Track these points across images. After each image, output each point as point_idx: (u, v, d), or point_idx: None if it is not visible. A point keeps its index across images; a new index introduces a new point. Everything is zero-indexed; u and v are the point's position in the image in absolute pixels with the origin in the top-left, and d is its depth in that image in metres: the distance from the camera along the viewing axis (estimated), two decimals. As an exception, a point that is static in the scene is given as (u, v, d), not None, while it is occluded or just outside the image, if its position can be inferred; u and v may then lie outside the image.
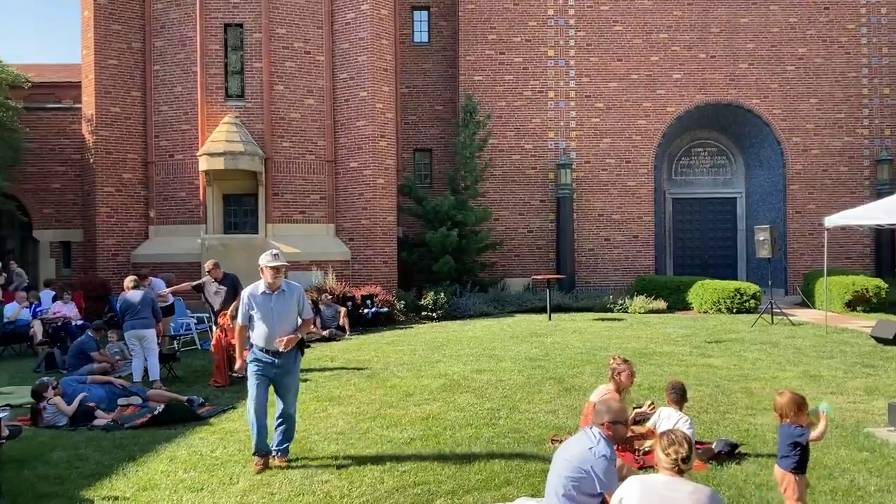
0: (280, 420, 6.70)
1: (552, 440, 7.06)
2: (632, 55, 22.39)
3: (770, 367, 10.97)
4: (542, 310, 18.69)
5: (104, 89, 19.17)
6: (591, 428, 4.64)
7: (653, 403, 7.10)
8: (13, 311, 14.46)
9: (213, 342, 11.08)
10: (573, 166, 22.04)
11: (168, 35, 19.26)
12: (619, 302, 19.43)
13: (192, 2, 18.85)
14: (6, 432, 6.74)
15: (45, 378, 8.97)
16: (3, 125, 18.51)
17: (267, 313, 6.53)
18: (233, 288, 11.48)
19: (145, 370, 10.64)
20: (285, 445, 6.71)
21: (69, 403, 8.47)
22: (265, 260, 6.54)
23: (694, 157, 24.05)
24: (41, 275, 19.93)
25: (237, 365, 7.06)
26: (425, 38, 23.42)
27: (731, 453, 6.56)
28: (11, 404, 9.20)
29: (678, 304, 19.55)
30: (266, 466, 6.47)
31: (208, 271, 11.81)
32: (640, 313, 18.79)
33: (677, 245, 24.04)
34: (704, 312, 18.72)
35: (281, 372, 6.58)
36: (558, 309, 18.97)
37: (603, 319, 17.62)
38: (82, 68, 19.77)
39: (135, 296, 10.69)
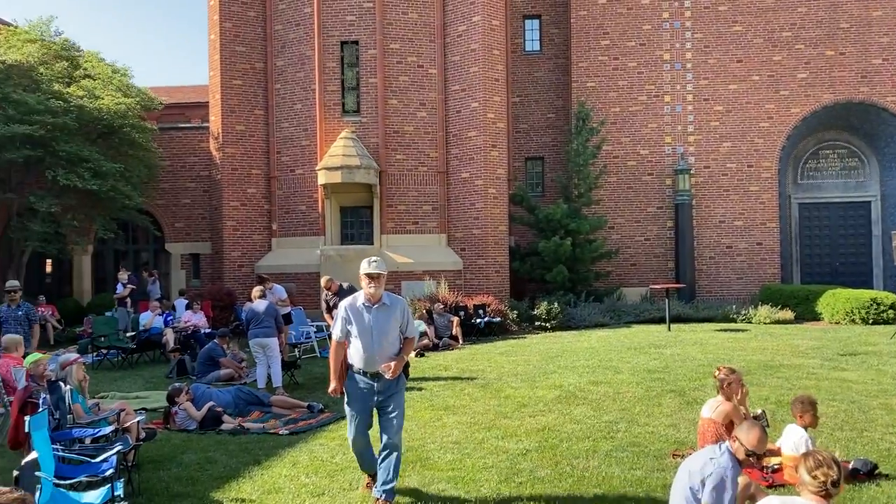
0: (384, 453, 5.75)
1: (673, 455, 6.82)
2: (752, 55, 21.50)
3: (912, 382, 10.21)
4: (660, 320, 18.17)
5: (229, 108, 20.13)
6: (723, 443, 4.46)
7: (764, 412, 6.76)
8: (147, 319, 15.36)
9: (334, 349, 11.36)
10: (691, 172, 21.35)
11: (288, 54, 20.03)
12: (743, 312, 18.64)
13: (310, 21, 19.54)
14: (143, 435, 7.15)
15: (177, 384, 9.47)
16: (139, 145, 19.75)
17: (365, 329, 5.72)
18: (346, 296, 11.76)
19: (269, 377, 11.04)
20: (391, 486, 5.69)
21: (199, 409, 8.89)
22: (363, 267, 5.73)
23: (822, 159, 22.77)
24: (173, 285, 21.11)
25: (331, 388, 5.96)
26: (537, 47, 23.32)
27: (870, 474, 6.14)
28: (147, 408, 9.75)
29: (806, 314, 18.55)
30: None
31: (326, 288, 12.16)
32: (765, 324, 17.95)
33: (804, 252, 22.80)
34: (836, 323, 17.68)
35: (383, 397, 5.77)
36: (678, 319, 18.38)
37: (725, 330, 16.93)
38: (209, 89, 20.86)
39: (259, 306, 11.11)
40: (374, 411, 5.88)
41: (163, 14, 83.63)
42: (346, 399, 5.92)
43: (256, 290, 11.51)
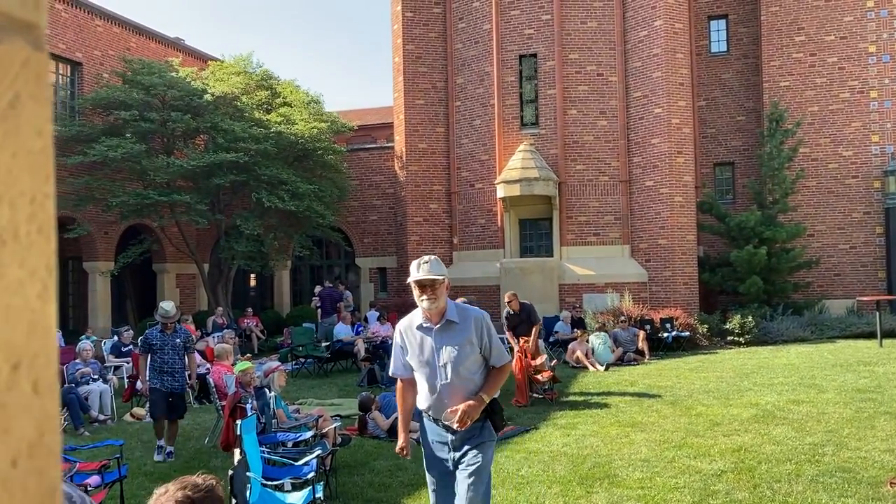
0: None
1: (891, 483, 6.17)
2: (977, 40, 19.26)
3: None
4: (870, 335, 16.63)
5: (412, 128, 20.86)
6: None
7: None
8: (343, 332, 16.05)
9: (515, 363, 11.39)
10: (904, 173, 19.41)
11: (468, 72, 20.45)
12: (971, 327, 16.65)
13: (489, 38, 19.85)
14: (339, 440, 7.51)
15: (364, 393, 9.87)
16: (331, 167, 20.97)
17: (426, 359, 4.21)
18: (527, 315, 11.75)
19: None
20: None
21: (387, 417, 9.19)
22: (411, 273, 4.20)
23: None
24: (363, 298, 22.12)
25: (399, 445, 4.53)
26: (723, 48, 22.24)
27: None
28: (341, 415, 10.24)
29: None
30: None
31: (508, 302, 12.20)
32: None
33: None
34: None
35: (459, 453, 4.18)
36: (891, 335, 16.71)
37: (949, 347, 15.20)
38: (394, 109, 21.74)
39: None
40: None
41: (348, 40, 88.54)
42: (423, 459, 4.45)
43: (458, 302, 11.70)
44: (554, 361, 12.10)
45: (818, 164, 20.21)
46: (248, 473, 5.21)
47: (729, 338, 17.09)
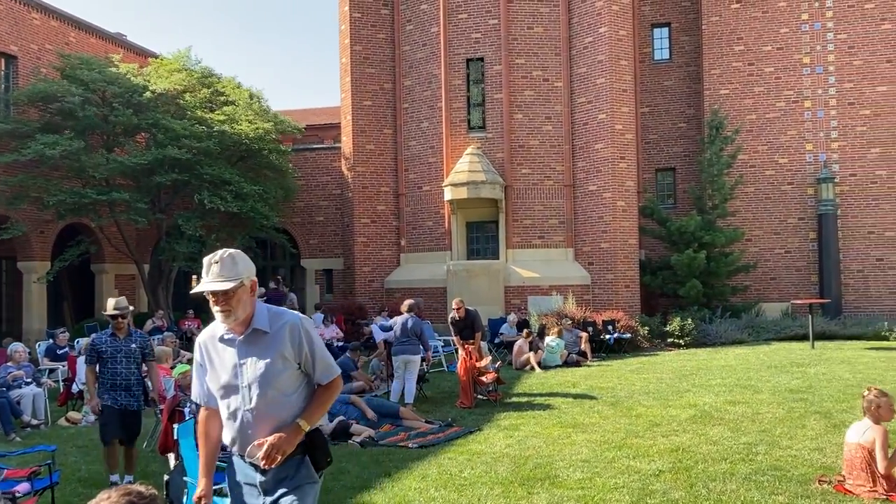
0: None
1: (819, 481, 6.38)
2: (904, 54, 20.06)
3: None
4: (803, 337, 17.18)
5: (360, 129, 20.79)
6: None
7: None
8: None
9: (459, 365, 11.44)
10: (836, 180, 20.10)
11: (415, 74, 20.47)
12: (896, 329, 17.34)
13: (437, 41, 19.90)
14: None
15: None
16: (276, 167, 20.73)
17: (228, 380, 3.34)
18: (471, 322, 11.87)
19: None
20: None
21: (331, 420, 9.15)
22: (203, 275, 3.33)
23: None
24: (308, 300, 21.92)
25: (197, 492, 3.43)
26: (666, 55, 22.72)
27: None
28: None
29: (972, 332, 17.03)
30: None
31: (456, 309, 12.27)
32: (923, 342, 16.63)
33: (968, 265, 20.92)
34: None
35: (273, 500, 3.30)
36: (822, 337, 17.31)
37: (877, 349, 15.79)
38: (341, 110, 21.63)
39: (406, 322, 11.25)
40: None
41: (292, 40, 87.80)
42: None
43: (404, 306, 11.71)
44: (498, 363, 12.18)
45: (756, 171, 20.79)
46: (184, 478, 5.13)
47: (669, 340, 17.44)
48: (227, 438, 3.39)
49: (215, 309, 3.26)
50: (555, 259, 19.29)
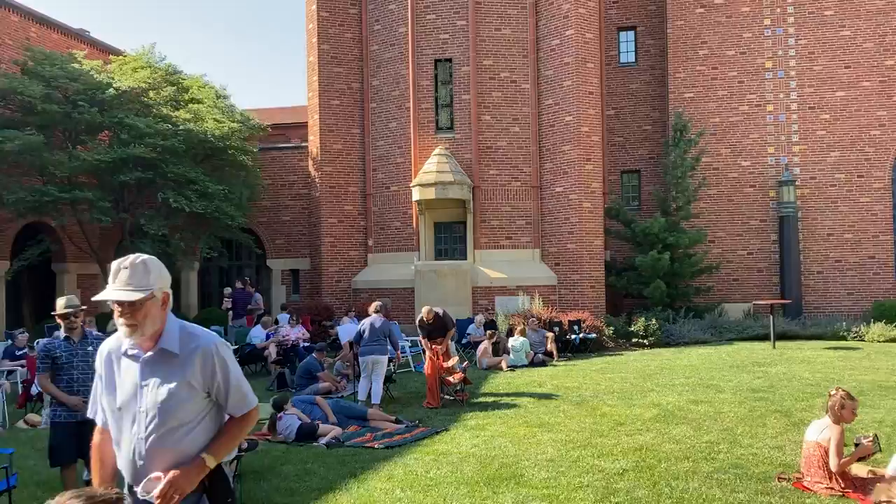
0: None
1: (779, 478, 6.52)
2: (862, 61, 20.52)
3: None
4: (764, 337, 17.48)
5: (327, 128, 20.69)
6: None
7: (876, 436, 6.27)
8: (259, 337, 15.53)
9: (427, 366, 11.45)
10: (797, 183, 20.49)
11: (384, 74, 20.44)
12: (854, 329, 17.77)
13: (405, 41, 19.89)
14: (245, 445, 7.37)
15: (276, 397, 9.76)
16: (242, 166, 20.53)
17: (125, 400, 2.99)
18: (442, 324, 11.74)
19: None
20: None
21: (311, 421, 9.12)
22: (109, 281, 3.01)
23: (941, 167, 21.41)
24: (274, 300, 21.76)
25: None
26: (632, 59, 22.96)
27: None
28: (249, 419, 10.04)
29: (926, 332, 17.48)
30: None
31: (425, 315, 12.12)
32: (878, 342, 17.03)
33: (923, 266, 21.43)
34: (960, 342, 16.58)
35: None
36: (783, 337, 17.64)
37: (835, 348, 16.13)
38: (308, 109, 21.50)
39: (375, 322, 11.22)
40: None
41: (262, 38, 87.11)
42: None
43: (372, 306, 11.66)
44: (465, 363, 12.22)
45: (719, 174, 21.10)
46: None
47: (634, 340, 17.63)
48: (122, 469, 2.99)
49: (119, 321, 2.92)
50: (522, 260, 19.40)
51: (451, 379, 11.10)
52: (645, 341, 17.45)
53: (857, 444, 6.15)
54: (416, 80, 19.67)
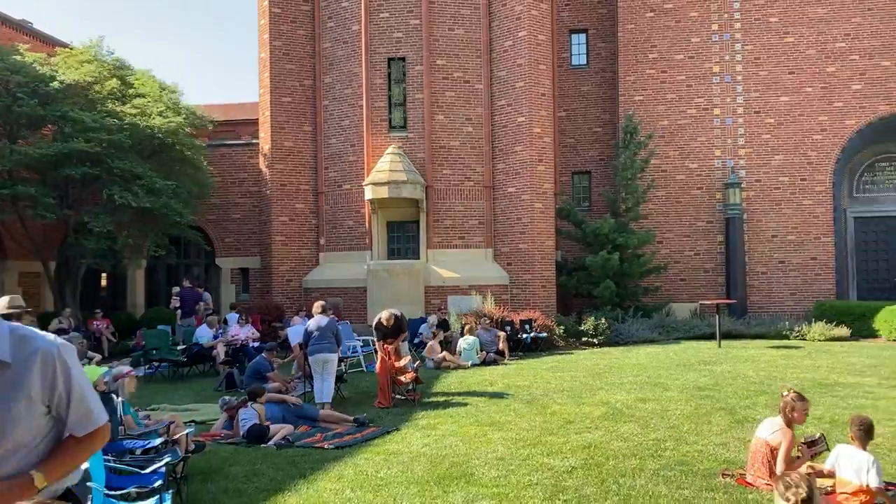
0: None
1: (723, 475, 6.67)
2: (805, 67, 21.09)
3: (977, 402, 9.83)
4: (710, 336, 17.85)
5: (279, 125, 20.48)
6: None
7: (822, 436, 6.45)
8: (205, 337, 15.29)
9: (378, 365, 11.42)
10: (742, 185, 20.97)
11: (336, 72, 20.30)
12: (796, 329, 18.24)
13: (358, 39, 19.79)
14: (192, 447, 7.26)
15: (227, 396, 9.63)
16: (190, 162, 20.16)
17: None
18: (398, 327, 11.61)
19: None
20: None
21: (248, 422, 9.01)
22: None
23: (879, 172, 22.12)
24: (223, 299, 21.45)
25: None
26: (583, 61, 23.22)
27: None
28: (196, 420, 9.90)
29: (863, 331, 18.06)
30: None
31: (385, 321, 11.96)
32: (819, 341, 17.53)
33: (861, 267, 22.13)
34: (894, 340, 17.13)
35: None
36: (728, 336, 18.04)
37: (778, 347, 16.55)
38: (259, 106, 21.24)
39: (321, 322, 11.14)
40: None
41: (213, 33, 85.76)
42: None
43: (317, 306, 11.55)
44: (417, 363, 12.22)
45: (667, 176, 21.48)
46: (88, 484, 4.95)
47: (584, 339, 17.83)
48: None
49: None
50: (474, 259, 19.47)
51: (402, 378, 11.10)
52: (594, 340, 17.66)
53: (808, 444, 6.24)
54: (370, 79, 19.59)
